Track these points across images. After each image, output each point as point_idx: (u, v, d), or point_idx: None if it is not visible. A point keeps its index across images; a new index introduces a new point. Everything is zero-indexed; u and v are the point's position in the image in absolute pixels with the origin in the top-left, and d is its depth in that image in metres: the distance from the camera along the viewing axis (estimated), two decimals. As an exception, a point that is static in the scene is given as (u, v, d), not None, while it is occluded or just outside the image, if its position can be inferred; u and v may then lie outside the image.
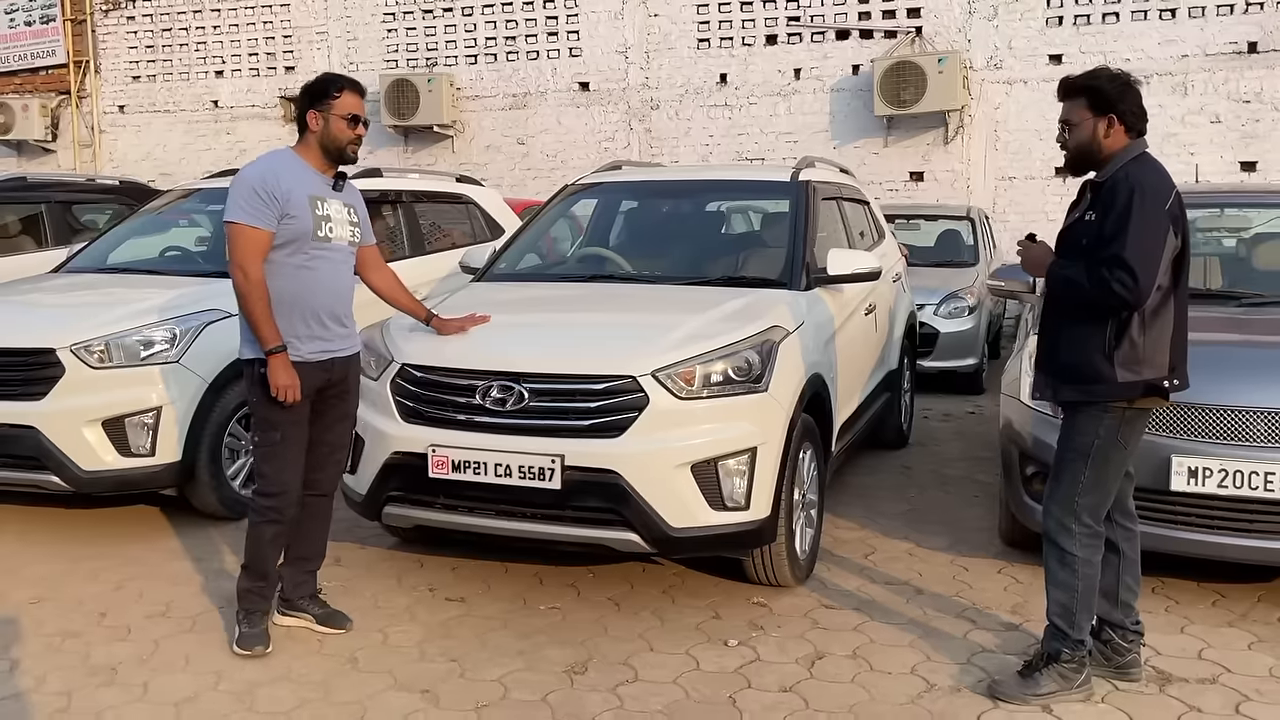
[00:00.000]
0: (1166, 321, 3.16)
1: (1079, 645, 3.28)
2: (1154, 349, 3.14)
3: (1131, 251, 3.01)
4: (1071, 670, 3.28)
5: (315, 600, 3.93)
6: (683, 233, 5.49)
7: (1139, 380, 3.14)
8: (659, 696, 3.37)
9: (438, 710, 3.30)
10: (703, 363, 3.85)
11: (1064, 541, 3.27)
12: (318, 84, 3.68)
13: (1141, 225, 3.04)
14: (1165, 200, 3.10)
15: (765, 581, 4.17)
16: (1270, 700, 3.31)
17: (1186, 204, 3.30)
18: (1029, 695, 3.26)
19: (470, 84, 13.34)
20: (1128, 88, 3.22)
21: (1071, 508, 3.25)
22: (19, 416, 4.74)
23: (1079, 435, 3.24)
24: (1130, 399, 3.17)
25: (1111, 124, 3.20)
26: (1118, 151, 3.21)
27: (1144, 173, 3.13)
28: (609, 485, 3.74)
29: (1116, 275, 3.02)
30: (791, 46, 12.18)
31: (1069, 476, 3.26)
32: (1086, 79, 3.27)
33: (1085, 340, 3.17)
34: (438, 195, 7.39)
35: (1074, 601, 3.27)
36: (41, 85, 15.14)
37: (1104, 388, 3.16)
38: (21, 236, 7.71)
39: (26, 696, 3.37)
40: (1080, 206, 3.29)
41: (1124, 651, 3.41)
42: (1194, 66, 10.91)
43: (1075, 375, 3.21)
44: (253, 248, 3.49)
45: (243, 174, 3.60)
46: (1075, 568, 3.26)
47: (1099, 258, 3.08)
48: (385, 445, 4.02)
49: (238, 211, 3.51)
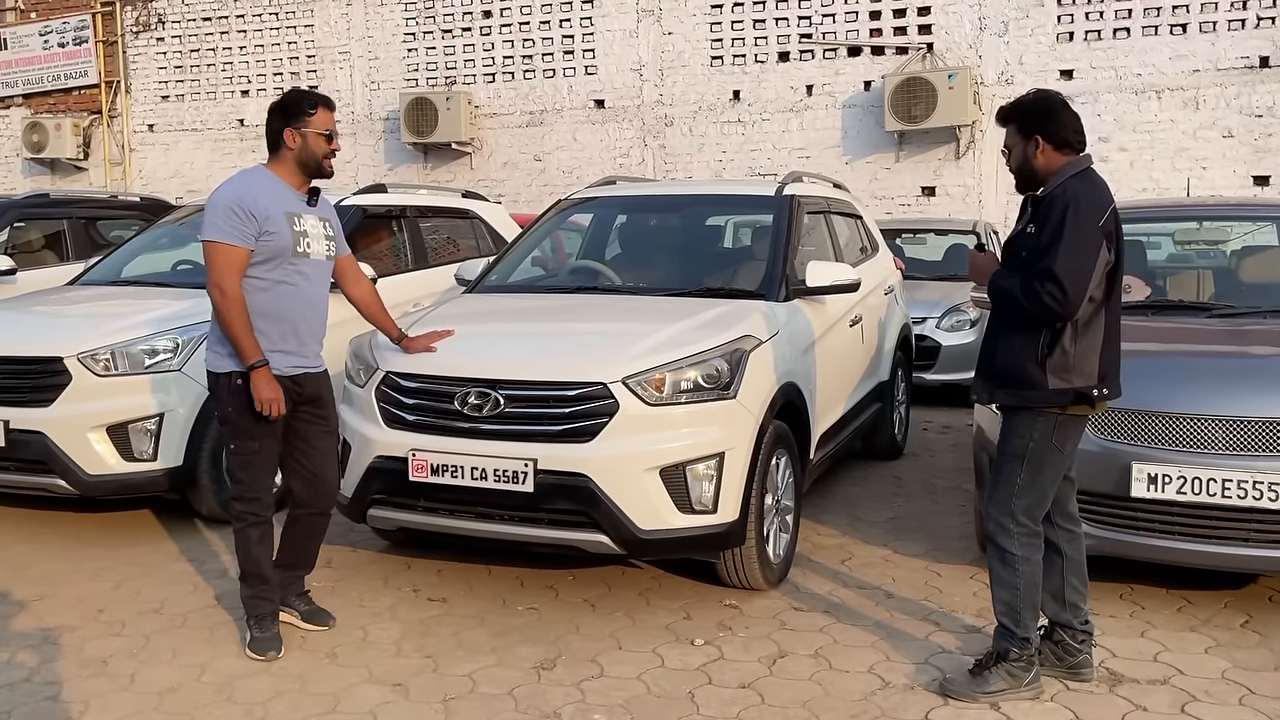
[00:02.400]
0: (1098, 332, 3.26)
1: (1025, 643, 3.36)
2: (1084, 358, 3.24)
3: (1062, 265, 3.12)
4: (1020, 669, 3.36)
5: (302, 598, 4.07)
6: (669, 245, 5.63)
7: (1069, 388, 3.24)
8: (621, 691, 3.48)
9: (407, 702, 3.43)
10: (672, 370, 3.97)
11: (1003, 541, 3.37)
12: (291, 103, 3.76)
13: (1073, 240, 3.14)
14: (1099, 216, 3.20)
15: (737, 584, 4.27)
16: (1217, 701, 3.37)
17: (1163, 218, 3.39)
18: (978, 693, 3.35)
19: (488, 102, 13.59)
20: (1053, 110, 3.32)
21: (1009, 508, 3.35)
22: (27, 422, 4.95)
23: (1015, 438, 3.35)
24: (1061, 406, 3.27)
25: (1038, 145, 3.31)
26: (1057, 169, 3.31)
27: (1081, 189, 3.23)
28: (580, 488, 3.87)
29: (1047, 288, 3.13)
30: (804, 63, 12.32)
31: (1005, 478, 3.37)
32: (1012, 105, 3.41)
33: (1020, 347, 3.29)
34: (443, 210, 7.57)
35: (1017, 599, 3.36)
36: (74, 105, 15.59)
37: (1035, 394, 3.27)
38: (45, 251, 7.99)
39: (18, 685, 3.55)
40: (1022, 219, 3.41)
41: (1075, 652, 3.48)
42: (1206, 81, 10.93)
43: (1010, 380, 3.32)
44: (230, 265, 3.62)
45: (219, 193, 3.71)
46: (1016, 566, 3.35)
47: (1033, 270, 3.19)
48: (369, 450, 4.17)
49: (215, 230, 3.63)
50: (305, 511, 3.93)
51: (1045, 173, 3.33)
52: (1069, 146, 3.31)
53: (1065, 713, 3.30)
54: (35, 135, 15.11)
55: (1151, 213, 6.01)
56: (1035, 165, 3.34)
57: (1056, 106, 3.34)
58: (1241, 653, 3.73)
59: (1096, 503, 4.00)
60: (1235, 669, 3.60)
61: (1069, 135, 3.31)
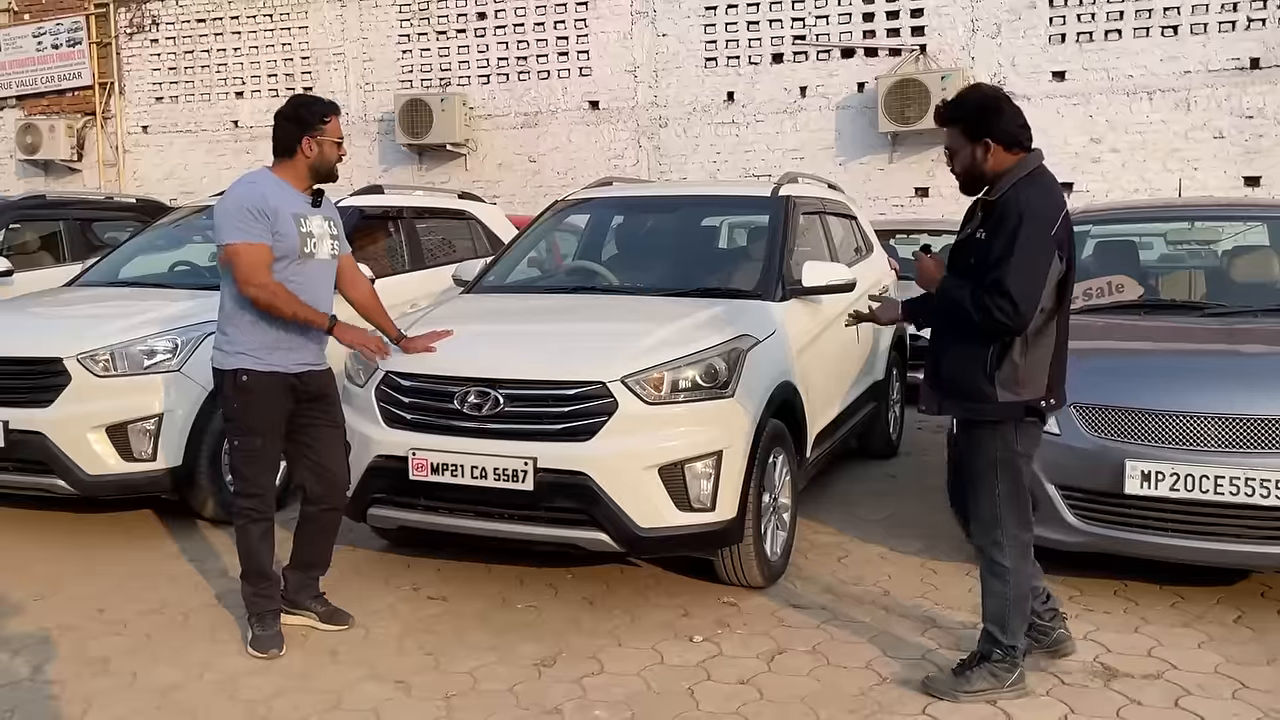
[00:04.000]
0: (1048, 344, 3.22)
1: (1012, 650, 3.36)
2: (1034, 371, 3.20)
3: (1014, 279, 3.03)
4: (1003, 670, 3.35)
5: (318, 599, 4.09)
6: (665, 246, 5.66)
7: (1018, 401, 3.20)
8: (621, 687, 3.52)
9: (409, 699, 3.46)
10: (670, 369, 4.00)
11: (994, 554, 3.35)
12: (305, 111, 3.79)
13: (1026, 253, 3.05)
14: (1052, 225, 3.12)
15: (734, 581, 4.30)
16: (1210, 695, 3.41)
17: (1155, 218, 3.38)
18: (959, 691, 3.35)
19: (483, 103, 13.61)
20: (999, 109, 3.21)
21: (995, 521, 3.32)
22: (27, 423, 4.96)
23: (982, 451, 3.30)
24: (1010, 418, 3.22)
25: (988, 148, 3.20)
26: (1007, 170, 3.20)
27: (1034, 195, 3.13)
28: (579, 487, 3.90)
29: (998, 302, 3.05)
30: (797, 65, 12.37)
31: (985, 491, 3.32)
32: (956, 108, 3.27)
33: (969, 359, 3.22)
34: (439, 211, 7.60)
35: (1006, 609, 3.35)
36: (68, 106, 15.57)
37: (984, 407, 3.22)
38: (41, 253, 7.99)
39: (21, 684, 3.57)
40: (971, 223, 3.32)
41: (1048, 630, 3.52)
42: (1197, 83, 10.99)
43: (959, 393, 3.27)
44: (257, 262, 3.66)
45: (229, 197, 3.75)
46: (1006, 578, 3.33)
47: (983, 281, 3.10)
48: (369, 449, 4.19)
49: (233, 233, 3.66)
50: (318, 508, 3.95)
51: (994, 174, 3.22)
52: (1018, 145, 3.21)
53: (1060, 707, 3.33)
54: (29, 137, 15.09)
55: (1144, 213, 6.08)
56: (985, 168, 3.22)
57: (1002, 104, 3.22)
58: (1234, 647, 3.77)
59: (1090, 499, 4.05)
60: (1228, 664, 3.64)
61: (1017, 133, 3.20)
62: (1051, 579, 4.37)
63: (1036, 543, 4.21)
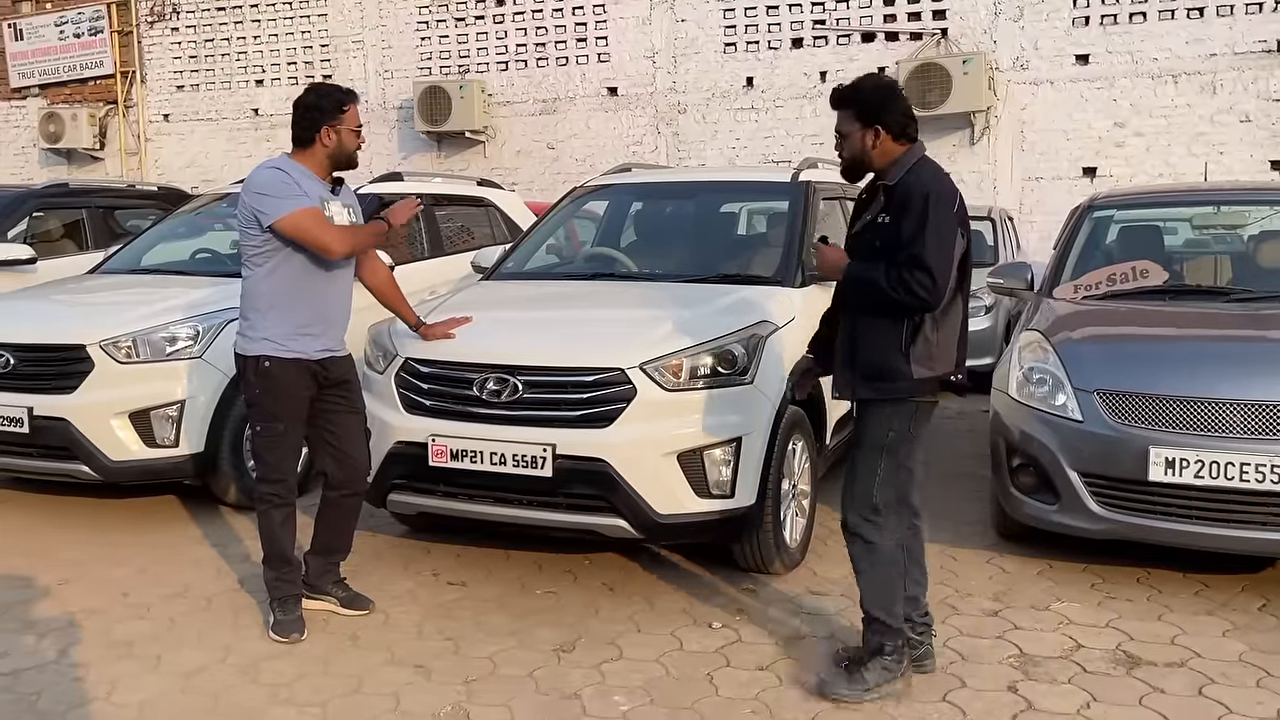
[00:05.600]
0: (956, 319, 3.28)
1: (898, 634, 3.33)
2: (945, 345, 3.25)
3: (930, 254, 3.10)
4: (893, 661, 3.32)
5: (339, 584, 4.11)
6: (685, 232, 5.64)
7: (933, 376, 3.25)
8: (640, 674, 3.52)
9: (429, 683, 3.47)
10: (689, 355, 4.00)
11: (869, 534, 3.33)
12: (324, 99, 3.77)
13: (937, 229, 3.12)
14: (954, 204, 3.20)
15: (753, 568, 4.30)
16: (1234, 683, 3.38)
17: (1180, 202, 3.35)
18: (859, 691, 3.27)
19: (501, 90, 13.59)
20: (892, 96, 3.28)
21: (871, 500, 3.32)
22: (51, 409, 5.01)
23: (875, 430, 3.32)
24: (923, 394, 3.27)
25: (878, 135, 3.26)
26: (897, 158, 3.27)
27: (934, 178, 3.22)
28: (598, 473, 3.90)
29: (916, 277, 3.10)
30: (817, 50, 12.28)
31: (866, 470, 3.33)
32: (851, 91, 3.33)
33: (883, 339, 3.25)
34: (458, 199, 7.61)
35: (888, 589, 3.33)
36: (90, 95, 15.65)
37: (902, 385, 3.25)
38: (64, 240, 8.05)
39: (48, 667, 3.61)
40: (871, 209, 3.34)
41: (916, 644, 3.44)
42: (1223, 65, 10.84)
43: (875, 374, 3.29)
44: (317, 221, 3.66)
45: (260, 178, 3.73)
46: (884, 556, 3.33)
47: (896, 260, 3.15)
48: (389, 435, 4.21)
49: (284, 204, 3.64)
50: (339, 493, 3.97)
51: (881, 162, 3.28)
52: (905, 135, 3.28)
53: (1082, 695, 3.32)
54: (52, 125, 15.19)
55: (1168, 197, 6.00)
56: (871, 155, 3.28)
57: (895, 94, 3.29)
58: (1259, 635, 3.74)
59: (1114, 487, 4.02)
60: (1253, 652, 3.61)
61: (906, 123, 3.27)
62: (1073, 566, 4.39)
63: (1061, 530, 4.24)
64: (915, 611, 3.46)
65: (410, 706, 3.31)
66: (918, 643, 3.45)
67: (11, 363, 5.12)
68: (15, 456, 5.20)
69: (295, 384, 3.79)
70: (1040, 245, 10.90)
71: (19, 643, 3.80)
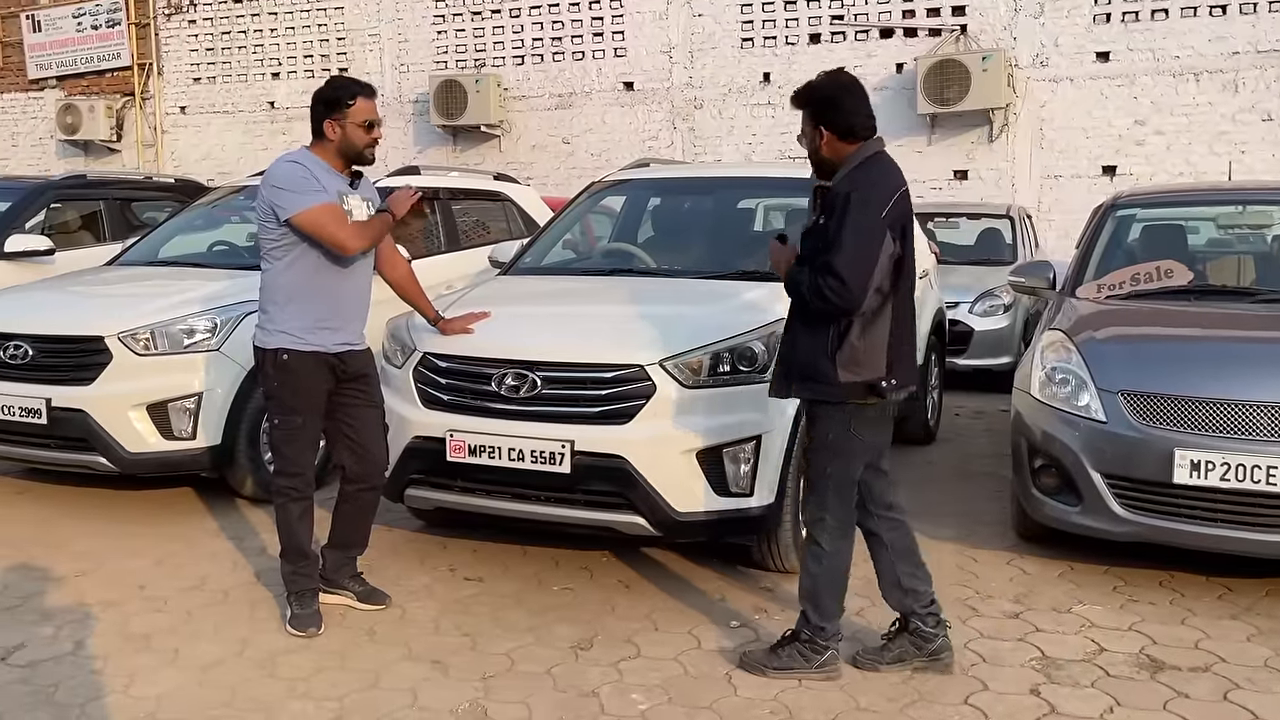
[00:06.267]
0: (884, 324, 3.24)
1: (820, 630, 3.40)
2: (871, 351, 3.23)
3: (842, 259, 3.10)
4: (810, 651, 3.39)
5: (356, 579, 4.10)
6: (703, 228, 5.61)
7: (858, 381, 3.24)
8: (658, 672, 3.50)
9: (446, 679, 3.46)
10: (709, 353, 3.97)
11: (815, 532, 3.41)
12: (331, 93, 3.74)
13: (854, 233, 3.11)
14: (882, 207, 3.16)
15: (772, 567, 4.27)
16: (1260, 689, 3.34)
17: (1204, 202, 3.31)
18: (767, 667, 3.41)
19: (517, 84, 13.57)
20: (835, 97, 3.27)
21: (823, 500, 3.36)
22: (69, 400, 5.01)
23: (816, 431, 3.37)
24: (853, 398, 3.26)
25: (823, 135, 3.28)
26: (844, 158, 3.27)
27: (865, 179, 3.20)
28: (616, 470, 3.88)
29: (828, 282, 3.12)
30: (835, 45, 12.22)
31: (815, 471, 3.39)
32: (803, 92, 3.36)
33: (812, 341, 3.28)
34: (475, 193, 7.59)
35: (816, 587, 3.40)
36: (107, 87, 15.71)
37: (827, 388, 3.27)
38: (81, 232, 8.07)
39: (65, 658, 3.61)
40: (815, 211, 3.37)
41: (930, 638, 3.45)
42: (1245, 64, 10.75)
43: (805, 375, 3.32)
44: (336, 218, 3.64)
45: (279, 172, 3.71)
46: (821, 559, 3.38)
47: (815, 264, 3.17)
48: (406, 430, 4.19)
49: (301, 199, 3.62)
50: (356, 487, 3.96)
51: (833, 162, 3.30)
52: (852, 135, 3.26)
53: (1106, 699, 3.28)
54: (69, 117, 15.25)
55: (1192, 197, 5.94)
56: (823, 155, 3.31)
57: (840, 94, 3.28)
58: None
59: (1138, 489, 3.98)
60: (1278, 657, 3.56)
61: (853, 124, 3.25)
62: (1095, 568, 4.35)
63: (1083, 532, 4.20)
64: (919, 604, 3.47)
65: (428, 702, 3.30)
66: (931, 635, 3.45)
67: (30, 354, 5.12)
68: (33, 447, 5.21)
69: (313, 377, 3.78)
70: (1058, 244, 10.83)
71: (37, 634, 3.80)
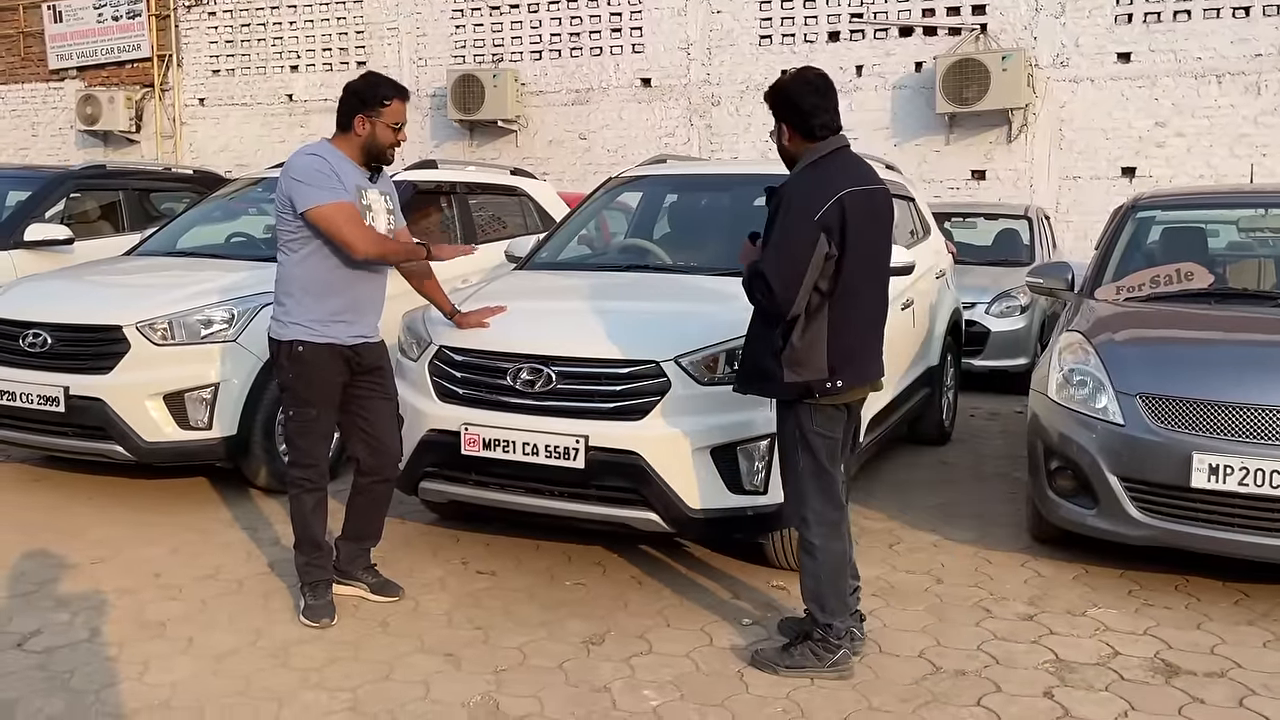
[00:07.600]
0: (822, 326, 3.25)
1: (829, 629, 3.40)
2: (809, 352, 3.25)
3: (768, 263, 3.16)
4: (823, 649, 3.40)
5: (370, 570, 4.11)
6: (719, 225, 5.59)
7: (800, 381, 3.27)
8: (670, 668, 3.50)
9: (459, 672, 3.47)
10: (723, 350, 3.96)
11: (803, 531, 3.42)
12: (368, 89, 3.74)
13: (782, 237, 3.16)
14: (815, 210, 3.16)
15: (785, 565, 4.26)
16: (1276, 695, 3.31)
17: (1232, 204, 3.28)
18: (780, 665, 3.41)
19: (534, 79, 13.58)
20: (795, 97, 3.29)
21: (803, 498, 3.39)
22: (87, 389, 5.04)
23: (784, 428, 3.42)
24: (799, 397, 3.29)
25: (784, 132, 3.33)
26: (801, 155, 3.32)
27: (804, 181, 3.24)
28: (630, 466, 3.87)
29: (757, 285, 3.20)
30: (854, 44, 12.19)
31: (790, 468, 3.43)
32: (770, 90, 3.39)
33: (761, 341, 3.34)
34: (492, 188, 7.59)
35: (819, 586, 3.40)
36: (126, 78, 15.78)
37: (773, 386, 3.32)
38: (100, 222, 8.11)
39: (80, 645, 3.63)
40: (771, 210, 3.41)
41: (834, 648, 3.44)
42: (1268, 66, 10.67)
43: (757, 374, 3.38)
44: (351, 218, 3.65)
45: (298, 164, 3.70)
46: (816, 555, 3.39)
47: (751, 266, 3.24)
48: (421, 423, 4.20)
49: (316, 195, 3.61)
50: (370, 479, 3.97)
51: (796, 159, 3.34)
52: (812, 135, 3.28)
53: (1120, 703, 3.26)
54: (89, 108, 15.33)
55: (1213, 199, 5.90)
56: (787, 151, 3.37)
57: (803, 93, 3.29)
58: (1301, 647, 3.67)
59: (1155, 492, 3.96)
60: (1294, 664, 3.54)
61: (812, 124, 3.27)
62: (1110, 571, 4.33)
63: (1099, 535, 4.18)
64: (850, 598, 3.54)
65: (440, 695, 3.31)
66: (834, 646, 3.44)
67: (49, 342, 5.15)
68: (51, 435, 5.24)
69: (328, 369, 3.78)
70: (1076, 245, 10.77)
71: (52, 620, 3.83)
